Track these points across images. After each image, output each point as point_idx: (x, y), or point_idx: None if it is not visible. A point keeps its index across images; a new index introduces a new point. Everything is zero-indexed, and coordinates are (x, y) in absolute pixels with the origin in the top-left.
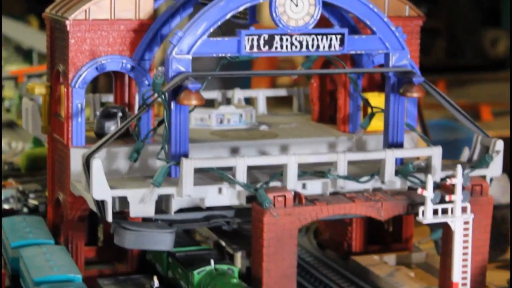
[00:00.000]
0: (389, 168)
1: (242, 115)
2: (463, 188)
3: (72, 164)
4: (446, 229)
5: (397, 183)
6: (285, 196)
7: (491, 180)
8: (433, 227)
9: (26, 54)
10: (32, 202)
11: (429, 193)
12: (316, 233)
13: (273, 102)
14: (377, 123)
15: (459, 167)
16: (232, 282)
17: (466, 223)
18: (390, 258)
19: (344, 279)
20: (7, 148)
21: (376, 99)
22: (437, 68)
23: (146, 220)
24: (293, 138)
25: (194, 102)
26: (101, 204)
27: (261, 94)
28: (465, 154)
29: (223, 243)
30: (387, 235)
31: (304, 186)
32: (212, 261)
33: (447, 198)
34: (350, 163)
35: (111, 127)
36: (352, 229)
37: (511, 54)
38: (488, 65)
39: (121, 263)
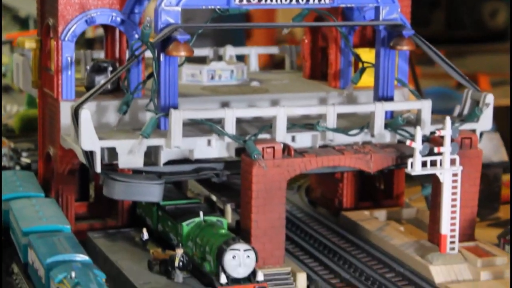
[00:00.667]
0: (379, 121)
1: (233, 71)
2: (452, 140)
3: (62, 118)
4: (435, 182)
5: (387, 137)
6: (274, 148)
7: (481, 134)
8: (424, 183)
9: (23, 22)
10: (25, 160)
11: (417, 144)
12: (308, 191)
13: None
14: (368, 79)
15: (447, 119)
16: (221, 232)
17: (455, 175)
18: (381, 214)
19: (334, 234)
20: (2, 111)
21: (367, 55)
22: (436, 39)
23: (135, 173)
24: (284, 93)
25: (182, 53)
26: (89, 155)
27: (253, 52)
28: (457, 110)
29: (213, 197)
30: (378, 192)
31: (293, 139)
32: (201, 213)
33: (436, 150)
34: (340, 117)
35: (102, 81)
36: (343, 185)
37: (510, 26)
38: (487, 37)
39: (112, 218)
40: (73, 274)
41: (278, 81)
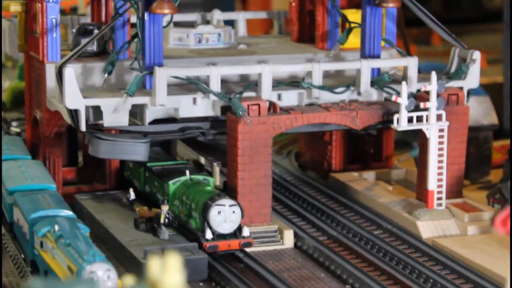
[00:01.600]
0: (365, 79)
1: (221, 35)
2: (438, 95)
3: (48, 80)
4: (422, 139)
5: (373, 95)
6: (259, 105)
7: (468, 93)
8: (411, 142)
9: None
10: (14, 129)
11: (403, 100)
12: (297, 156)
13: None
14: (355, 40)
15: (433, 74)
16: (207, 189)
17: (441, 130)
18: (370, 175)
19: (323, 195)
20: None
21: (354, 16)
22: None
23: (122, 133)
24: (271, 55)
25: (166, 10)
26: (74, 114)
27: (241, 16)
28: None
29: (201, 158)
30: (368, 155)
31: (279, 97)
32: (187, 172)
33: (422, 105)
34: (326, 76)
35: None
36: (332, 148)
37: (504, 5)
38: (484, 17)
39: (100, 181)
40: (56, 228)
41: (265, 44)
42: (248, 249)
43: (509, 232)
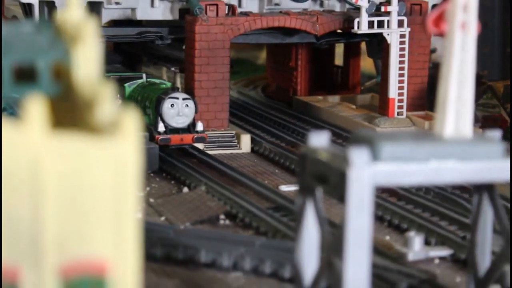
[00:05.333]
0: None
1: None
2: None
3: None
4: (385, 51)
5: (336, 6)
6: (217, 5)
7: (433, 6)
8: (376, 60)
9: None
10: None
11: (363, 2)
12: (264, 88)
13: None
14: None
15: None
16: (162, 87)
17: (403, 36)
18: (335, 98)
19: (285, 114)
20: None
21: None
22: None
23: None
24: None
25: None
26: (28, 8)
27: None
28: None
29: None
30: (334, 84)
31: (239, 3)
32: (144, 75)
33: (382, 8)
34: None
35: None
36: (297, 73)
37: None
38: None
39: None
40: None
41: None
42: (203, 149)
43: (443, 32)
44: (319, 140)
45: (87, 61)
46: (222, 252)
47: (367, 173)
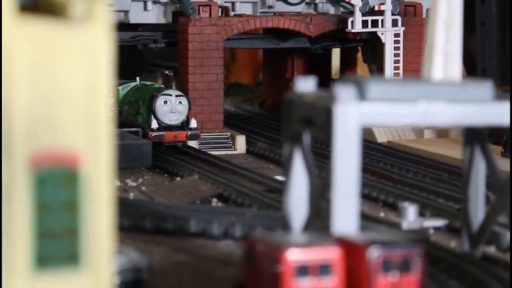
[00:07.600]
0: None
1: None
2: None
3: None
4: (380, 56)
5: (330, 10)
6: (210, 6)
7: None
8: (371, 65)
9: None
10: None
11: (357, 1)
12: (261, 104)
13: None
14: None
15: None
16: (154, 87)
17: (397, 35)
18: None
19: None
20: None
21: None
22: None
23: None
24: None
25: None
26: None
27: None
28: None
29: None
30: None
31: (233, 7)
32: (137, 78)
33: (376, 7)
34: None
35: None
36: (293, 85)
37: None
38: None
39: None
40: None
41: None
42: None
43: None
44: (305, 85)
45: None
46: (212, 221)
47: (354, 110)
